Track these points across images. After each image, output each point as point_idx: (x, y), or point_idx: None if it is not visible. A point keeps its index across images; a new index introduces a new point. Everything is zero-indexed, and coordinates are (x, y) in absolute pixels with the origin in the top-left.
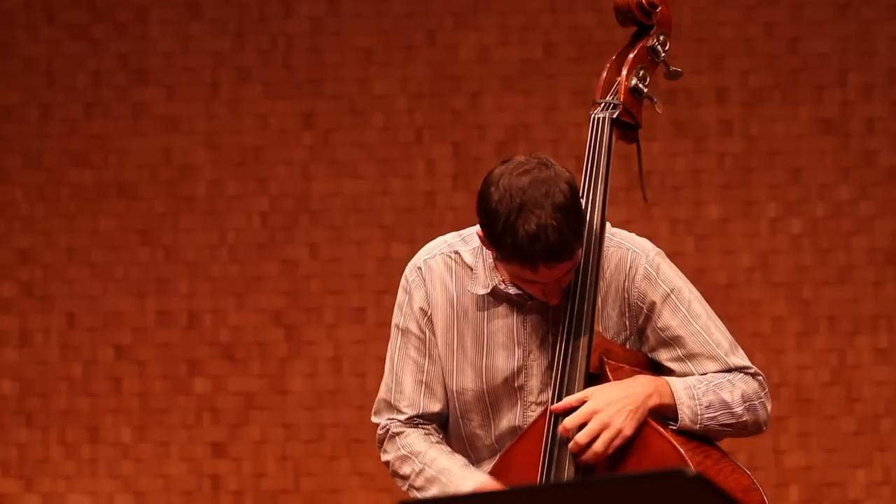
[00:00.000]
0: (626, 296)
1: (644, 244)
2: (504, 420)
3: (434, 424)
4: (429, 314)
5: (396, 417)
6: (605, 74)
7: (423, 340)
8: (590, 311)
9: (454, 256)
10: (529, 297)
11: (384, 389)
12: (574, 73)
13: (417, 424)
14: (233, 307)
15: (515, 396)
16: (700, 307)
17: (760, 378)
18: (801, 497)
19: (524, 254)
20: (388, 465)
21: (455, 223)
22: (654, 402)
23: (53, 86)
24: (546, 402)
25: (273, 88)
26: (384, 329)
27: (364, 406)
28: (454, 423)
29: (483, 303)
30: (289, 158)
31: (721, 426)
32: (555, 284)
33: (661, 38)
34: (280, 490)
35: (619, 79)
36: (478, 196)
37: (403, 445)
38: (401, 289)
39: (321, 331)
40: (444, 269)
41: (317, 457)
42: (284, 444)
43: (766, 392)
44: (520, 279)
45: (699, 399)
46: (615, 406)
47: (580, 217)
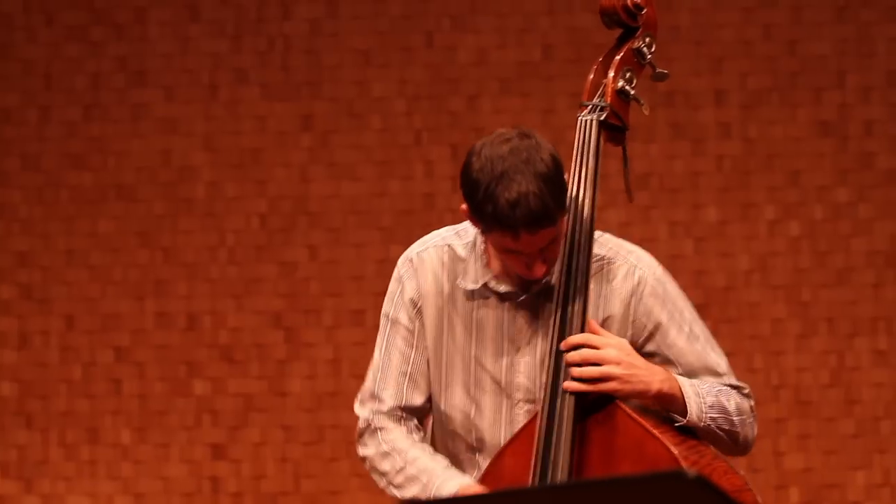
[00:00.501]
0: (632, 311)
1: (650, 259)
2: (489, 415)
3: (415, 420)
4: (419, 305)
5: (379, 408)
6: (592, 76)
7: (412, 331)
8: (580, 310)
9: (447, 250)
10: (519, 293)
11: (370, 378)
12: (572, 76)
13: (400, 419)
14: (232, 309)
15: (502, 392)
16: (699, 329)
17: (752, 402)
18: (801, 499)
19: (505, 221)
20: (366, 461)
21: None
22: (663, 388)
23: (52, 88)
24: (533, 401)
25: (271, 90)
26: None
27: None
28: (437, 418)
29: (473, 297)
30: (287, 160)
31: (718, 429)
32: (538, 255)
33: (647, 40)
34: (280, 492)
35: (606, 81)
36: (461, 171)
37: (385, 441)
38: (393, 279)
39: (320, 333)
40: (437, 262)
41: (316, 458)
42: (284, 446)
43: (755, 415)
44: (504, 251)
45: (703, 398)
46: (626, 363)
47: (562, 185)
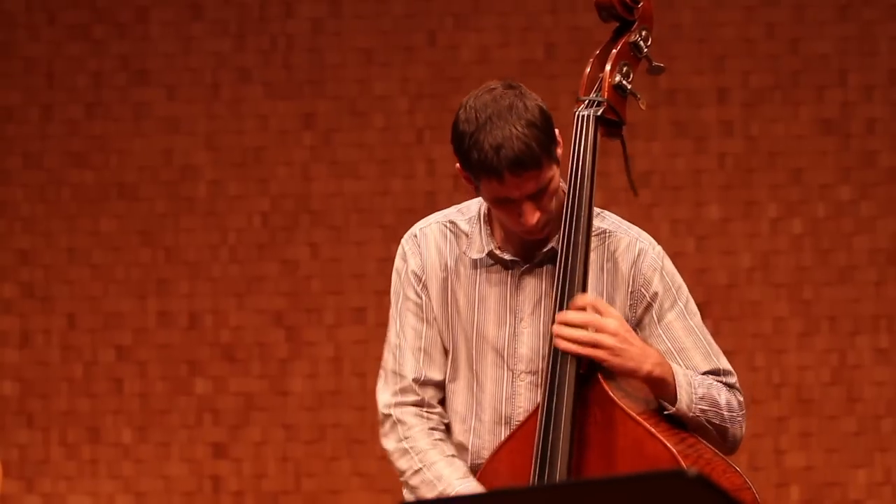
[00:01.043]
0: (631, 281)
1: (650, 237)
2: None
3: (438, 410)
4: (423, 279)
5: (401, 385)
6: (588, 71)
7: (420, 305)
8: (580, 283)
9: (449, 225)
10: (524, 261)
11: (389, 358)
12: (575, 74)
13: (422, 407)
14: (233, 308)
15: (504, 363)
16: (695, 308)
17: (742, 399)
18: (802, 497)
19: (489, 164)
20: (388, 452)
21: None
22: (654, 372)
23: (54, 86)
24: (535, 371)
25: (274, 89)
26: (385, 330)
27: (365, 407)
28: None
29: (477, 267)
30: (289, 159)
31: (707, 423)
32: (529, 204)
33: (644, 34)
34: (281, 491)
35: (603, 75)
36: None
37: (406, 438)
38: (397, 257)
39: (322, 331)
40: (439, 236)
41: (317, 457)
42: (285, 445)
43: (744, 414)
44: (495, 202)
45: (695, 388)
46: (622, 337)
47: (548, 133)
